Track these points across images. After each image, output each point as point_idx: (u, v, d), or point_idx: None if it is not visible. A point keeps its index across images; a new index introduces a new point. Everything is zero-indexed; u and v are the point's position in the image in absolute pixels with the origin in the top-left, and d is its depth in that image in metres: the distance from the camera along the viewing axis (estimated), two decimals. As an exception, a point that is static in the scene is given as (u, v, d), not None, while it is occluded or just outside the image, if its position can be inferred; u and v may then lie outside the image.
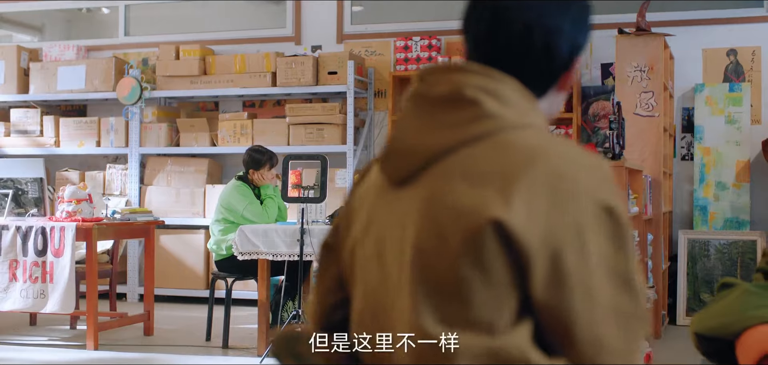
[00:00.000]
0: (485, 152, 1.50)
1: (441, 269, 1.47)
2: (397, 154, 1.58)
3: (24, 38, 10.13)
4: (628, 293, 1.49)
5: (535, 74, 1.61)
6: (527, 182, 1.46)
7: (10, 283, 6.11)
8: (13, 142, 8.77)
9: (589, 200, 1.47)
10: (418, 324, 1.48)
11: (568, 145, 1.54)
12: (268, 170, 6.47)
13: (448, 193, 1.49)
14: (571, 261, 1.44)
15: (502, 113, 1.53)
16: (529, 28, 1.58)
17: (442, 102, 1.56)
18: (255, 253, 5.79)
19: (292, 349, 1.59)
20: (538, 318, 1.47)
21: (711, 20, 7.76)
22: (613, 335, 1.48)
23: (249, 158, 6.48)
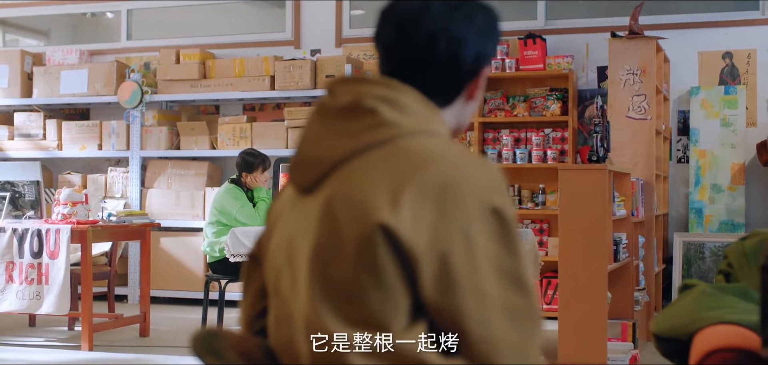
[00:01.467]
0: (380, 159, 1.56)
1: (337, 271, 1.53)
2: (302, 163, 1.64)
3: (31, 42, 10.25)
4: (519, 291, 1.54)
5: (441, 83, 1.67)
6: (416, 188, 1.51)
7: (6, 285, 6.19)
8: (17, 145, 8.88)
9: (476, 202, 1.52)
10: (317, 324, 1.54)
11: (460, 151, 1.59)
12: (261, 173, 6.54)
13: (343, 199, 1.55)
14: (460, 263, 1.49)
15: (400, 121, 1.59)
16: (433, 36, 1.64)
17: (344, 112, 1.62)
18: (246, 255, 5.84)
19: (209, 346, 1.65)
20: (432, 319, 1.52)
21: (706, 23, 7.77)
22: (505, 332, 1.53)
23: (242, 161, 6.55)
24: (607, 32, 7.23)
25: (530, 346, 1.57)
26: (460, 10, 1.67)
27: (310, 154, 1.64)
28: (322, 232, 1.56)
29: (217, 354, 1.65)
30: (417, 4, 1.67)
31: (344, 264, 1.52)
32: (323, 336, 1.53)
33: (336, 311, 1.53)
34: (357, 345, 1.51)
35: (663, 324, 3.00)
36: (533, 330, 1.57)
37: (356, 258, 1.51)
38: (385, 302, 1.51)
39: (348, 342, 1.51)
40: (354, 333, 1.51)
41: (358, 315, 1.52)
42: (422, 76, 1.66)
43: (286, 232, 1.67)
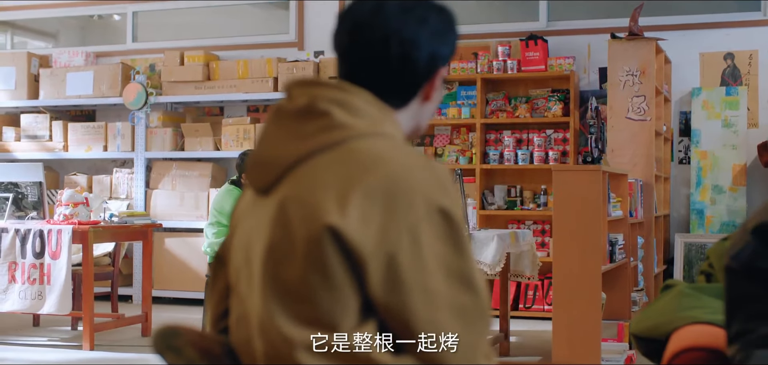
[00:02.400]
0: (331, 161, 1.59)
1: (288, 272, 1.56)
2: (259, 165, 1.68)
3: (39, 45, 10.34)
4: (467, 290, 1.57)
5: (395, 84, 1.70)
6: (364, 189, 1.54)
7: (9, 285, 6.26)
8: (23, 146, 8.96)
9: (422, 203, 1.55)
10: (269, 323, 1.57)
11: (409, 152, 1.62)
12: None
13: (295, 200, 1.58)
14: (407, 263, 1.52)
15: (352, 123, 1.62)
16: (386, 39, 1.67)
17: (299, 114, 1.65)
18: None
19: (169, 344, 1.69)
20: (382, 318, 1.56)
21: (708, 24, 7.77)
22: (454, 331, 1.56)
23: (241, 162, 6.59)
24: (609, 33, 7.24)
25: (479, 344, 1.60)
26: (413, 13, 1.70)
27: (266, 156, 1.67)
28: (274, 233, 1.60)
29: (177, 351, 1.68)
30: (371, 7, 1.70)
31: (295, 265, 1.56)
32: (276, 333, 1.56)
33: (287, 310, 1.56)
34: (308, 344, 1.54)
35: (641, 324, 3.03)
36: (481, 328, 1.60)
37: (306, 259, 1.54)
38: (334, 301, 1.54)
39: (298, 341, 1.54)
40: (305, 332, 1.54)
41: (308, 314, 1.55)
42: (376, 79, 1.69)
43: (245, 233, 1.70)
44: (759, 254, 2.11)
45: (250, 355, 1.63)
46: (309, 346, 1.54)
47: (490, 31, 8.33)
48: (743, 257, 2.13)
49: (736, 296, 2.15)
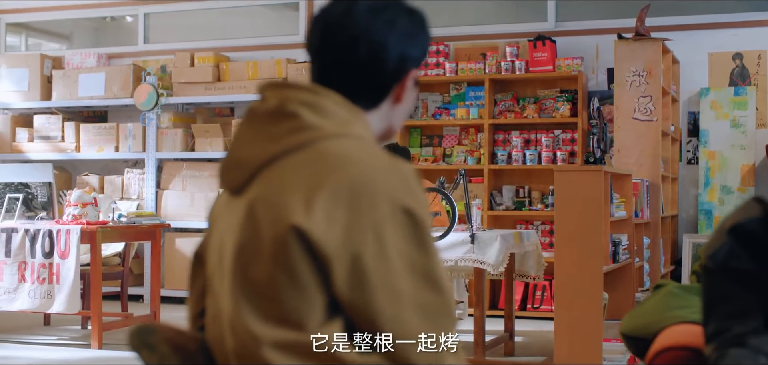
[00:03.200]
0: (299, 162, 1.62)
1: (256, 271, 1.60)
2: (231, 165, 1.71)
3: (54, 46, 10.43)
4: (432, 288, 1.60)
5: (364, 86, 1.73)
6: (329, 190, 1.57)
7: (19, 284, 6.33)
8: (36, 147, 9.04)
9: (387, 203, 1.57)
10: (238, 321, 1.61)
11: (375, 153, 1.64)
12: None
13: (263, 201, 1.62)
14: (371, 262, 1.55)
15: (321, 125, 1.65)
16: (354, 40, 1.70)
17: (269, 116, 1.69)
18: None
19: (144, 341, 1.73)
20: (348, 316, 1.59)
21: (716, 24, 7.76)
22: (418, 328, 1.58)
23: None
24: (613, 34, 7.24)
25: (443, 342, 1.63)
26: (382, 15, 1.72)
27: (238, 157, 1.71)
28: (243, 233, 1.63)
29: (151, 347, 1.72)
30: (341, 10, 1.73)
31: (262, 264, 1.59)
32: (245, 330, 1.60)
33: (255, 309, 1.60)
34: (275, 341, 1.57)
35: (630, 324, 3.05)
36: (446, 325, 1.63)
37: (273, 259, 1.58)
38: (300, 300, 1.57)
39: (265, 339, 1.58)
40: (272, 329, 1.58)
41: (275, 312, 1.58)
42: (346, 80, 1.72)
43: (220, 233, 1.74)
44: (734, 254, 2.14)
45: (223, 353, 1.67)
46: (275, 343, 1.57)
47: (498, 32, 8.34)
48: (719, 257, 2.15)
49: (712, 295, 2.18)
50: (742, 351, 2.08)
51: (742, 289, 2.13)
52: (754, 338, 2.09)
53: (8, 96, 9.23)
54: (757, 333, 2.10)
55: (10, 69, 9.24)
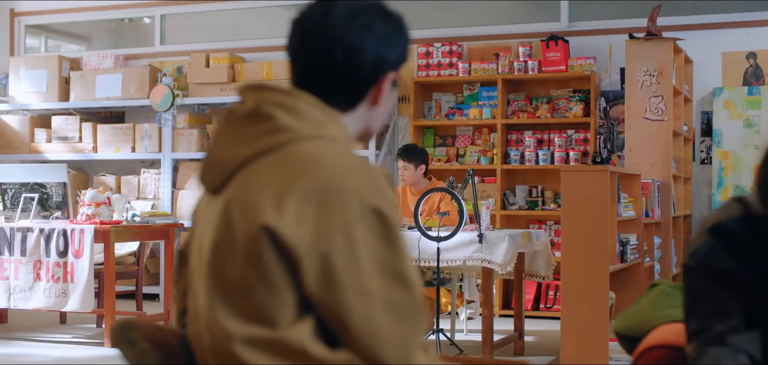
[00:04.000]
0: (273, 163, 1.66)
1: (230, 269, 1.64)
2: (210, 165, 1.75)
3: (73, 48, 10.54)
4: (401, 286, 1.63)
5: (341, 88, 1.76)
6: (300, 190, 1.61)
7: (34, 283, 6.41)
8: (54, 147, 9.15)
9: (356, 203, 1.61)
10: (212, 318, 1.65)
11: (345, 154, 1.68)
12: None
13: (238, 201, 1.66)
14: (340, 261, 1.59)
15: (295, 126, 1.68)
16: (330, 44, 1.73)
17: (246, 117, 1.72)
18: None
19: (125, 336, 1.77)
20: (319, 314, 1.62)
21: (730, 23, 7.73)
22: (388, 326, 1.61)
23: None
24: (625, 34, 7.22)
25: (413, 339, 1.66)
26: (359, 19, 1.75)
27: (216, 157, 1.74)
28: (219, 232, 1.67)
29: (131, 343, 1.76)
30: (318, 14, 1.77)
31: (235, 263, 1.63)
32: (218, 327, 1.64)
33: (228, 306, 1.63)
34: (247, 338, 1.61)
35: (623, 323, 3.07)
36: (416, 324, 1.66)
37: (245, 257, 1.62)
38: (272, 298, 1.61)
39: (237, 335, 1.61)
40: (245, 326, 1.61)
41: (247, 309, 1.62)
42: (322, 82, 1.75)
43: (200, 231, 1.78)
44: (714, 254, 2.16)
45: (201, 350, 1.71)
46: (246, 340, 1.61)
47: (511, 32, 8.36)
48: (699, 256, 2.17)
49: (693, 294, 2.20)
50: (722, 350, 2.10)
51: (721, 288, 2.14)
52: (734, 336, 2.11)
53: (27, 97, 9.35)
54: (737, 331, 2.12)
55: (29, 70, 9.35)
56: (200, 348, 1.71)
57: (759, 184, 2.03)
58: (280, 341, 1.60)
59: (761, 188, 2.02)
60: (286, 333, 1.60)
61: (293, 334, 1.60)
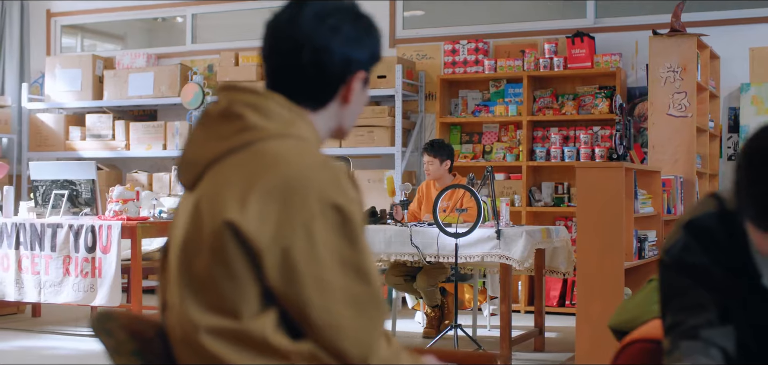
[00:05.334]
0: (241, 161, 1.72)
1: (197, 263, 1.71)
2: (184, 163, 1.83)
3: (108, 47, 10.73)
4: (361, 280, 1.69)
5: (310, 88, 1.82)
6: (263, 187, 1.67)
7: (64, 277, 6.56)
8: (88, 145, 9.32)
9: (317, 199, 1.67)
10: (182, 310, 1.72)
11: (309, 153, 1.73)
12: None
13: (206, 197, 1.73)
14: (301, 256, 1.65)
15: (264, 125, 1.75)
16: (298, 45, 1.79)
17: (218, 117, 1.79)
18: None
19: (102, 325, 1.85)
20: (282, 306, 1.68)
21: (757, 18, 7.67)
22: (348, 319, 1.68)
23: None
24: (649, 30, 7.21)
25: (372, 331, 1.72)
26: (327, 21, 1.81)
27: (190, 155, 1.82)
28: (189, 227, 1.75)
29: (109, 333, 1.84)
30: (287, 16, 1.83)
31: (202, 257, 1.70)
32: (187, 319, 1.71)
33: (195, 298, 1.71)
34: (213, 329, 1.68)
35: (617, 318, 3.11)
36: (375, 316, 1.72)
37: (211, 252, 1.69)
38: (236, 291, 1.67)
39: (202, 325, 1.68)
40: (210, 318, 1.68)
41: (213, 301, 1.69)
42: (292, 83, 1.82)
43: (175, 226, 1.85)
44: (688, 249, 2.19)
45: (175, 340, 1.78)
46: (211, 330, 1.68)
47: (537, 29, 8.36)
48: (674, 251, 2.21)
49: (668, 289, 2.23)
50: (695, 344, 2.13)
51: (696, 283, 2.17)
52: (707, 331, 2.14)
53: (62, 96, 9.53)
54: (711, 326, 2.15)
55: (64, 70, 9.54)
56: (174, 339, 1.79)
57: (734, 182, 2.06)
58: (244, 332, 1.66)
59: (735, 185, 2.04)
60: (249, 324, 1.67)
61: (256, 325, 1.67)
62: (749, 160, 2.00)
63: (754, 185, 1.97)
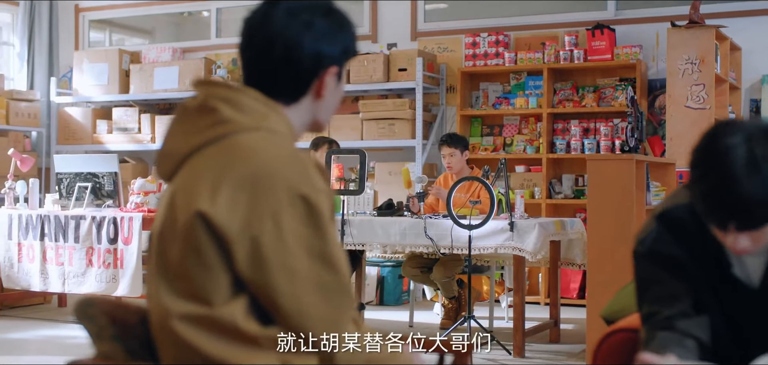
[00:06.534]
0: (214, 153, 1.79)
1: (171, 251, 1.78)
2: (163, 155, 1.89)
3: (137, 42, 10.87)
4: (328, 268, 1.75)
5: (282, 83, 1.88)
6: (233, 178, 1.73)
7: (87, 268, 6.69)
8: (115, 138, 9.47)
9: (285, 190, 1.72)
10: (157, 298, 1.79)
11: (279, 145, 1.79)
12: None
13: (181, 188, 1.80)
14: (269, 245, 1.71)
15: (237, 119, 1.81)
16: (270, 41, 1.85)
17: (195, 111, 1.86)
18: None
19: (85, 311, 1.92)
20: (252, 293, 1.75)
21: (780, 10, 7.62)
22: (316, 305, 1.74)
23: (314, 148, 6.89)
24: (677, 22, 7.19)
25: (340, 317, 1.78)
26: (299, 17, 1.86)
27: (168, 148, 1.88)
28: (165, 218, 1.82)
29: (90, 318, 1.91)
30: (262, 12, 1.89)
31: (176, 246, 1.77)
32: (162, 306, 1.78)
33: (169, 286, 1.78)
34: (186, 315, 1.75)
35: (609, 308, 3.14)
36: (343, 302, 1.78)
37: (184, 241, 1.76)
38: (207, 279, 1.74)
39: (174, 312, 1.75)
40: (184, 305, 1.75)
41: (185, 289, 1.76)
42: (265, 77, 1.87)
43: (157, 217, 1.92)
44: (661, 240, 2.22)
45: (153, 326, 1.85)
46: (183, 316, 1.75)
47: (557, 22, 8.37)
48: (647, 242, 2.24)
49: (643, 279, 2.27)
50: (670, 334, 2.16)
51: (669, 274, 2.21)
52: (682, 321, 2.17)
53: (90, 90, 9.68)
54: (686, 316, 2.18)
55: (92, 64, 9.69)
56: (153, 325, 1.86)
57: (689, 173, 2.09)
58: (214, 318, 1.73)
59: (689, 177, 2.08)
60: (220, 310, 1.73)
61: (226, 312, 1.73)
62: (694, 160, 2.05)
63: (697, 184, 2.01)
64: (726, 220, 2.01)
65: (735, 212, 1.99)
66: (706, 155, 2.01)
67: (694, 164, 2.05)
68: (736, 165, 1.95)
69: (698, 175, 2.03)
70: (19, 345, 6.28)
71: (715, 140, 2.01)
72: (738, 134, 1.99)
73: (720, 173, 1.97)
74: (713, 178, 1.98)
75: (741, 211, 1.98)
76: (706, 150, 2.02)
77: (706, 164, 2.00)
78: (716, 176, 1.98)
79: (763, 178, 1.94)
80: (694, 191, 2.04)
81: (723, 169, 1.96)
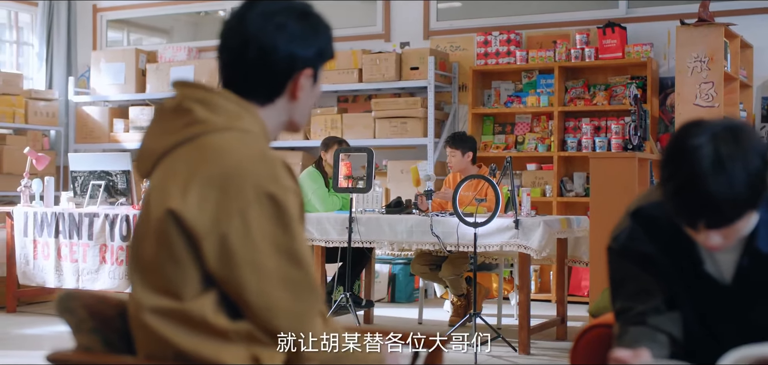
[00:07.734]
0: (186, 152, 1.85)
1: (144, 246, 1.85)
2: (141, 154, 1.96)
3: (154, 41, 10.98)
4: (295, 265, 1.80)
5: (256, 84, 1.93)
6: (203, 177, 1.80)
7: (100, 265, 6.79)
8: (131, 137, 9.57)
9: (253, 189, 1.78)
10: (133, 291, 1.85)
11: (250, 145, 1.85)
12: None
13: (155, 187, 1.87)
14: (237, 241, 1.77)
15: (210, 119, 1.87)
16: (244, 43, 1.91)
17: (170, 111, 1.92)
18: (309, 240, 6.22)
19: (65, 305, 1.99)
20: (221, 289, 1.81)
21: (791, 7, 7.60)
22: (283, 300, 1.79)
23: (324, 147, 6.97)
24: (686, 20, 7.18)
25: (306, 311, 1.83)
26: (273, 20, 1.91)
27: (146, 147, 1.95)
28: (141, 215, 1.89)
29: (71, 311, 1.98)
30: (237, 16, 1.95)
31: (149, 242, 1.84)
32: (136, 300, 1.85)
33: (142, 280, 1.85)
34: (157, 309, 1.81)
35: (596, 305, 3.18)
36: (309, 297, 1.83)
37: (156, 238, 1.82)
38: (178, 274, 1.80)
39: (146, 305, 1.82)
40: (155, 299, 1.81)
41: (157, 283, 1.83)
42: (239, 79, 1.93)
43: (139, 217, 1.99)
44: (634, 237, 2.26)
45: (129, 319, 1.92)
46: (154, 309, 1.81)
47: (569, 20, 8.38)
48: (621, 239, 2.28)
49: (616, 275, 2.31)
50: (642, 330, 2.20)
51: (642, 270, 2.25)
52: (654, 317, 2.21)
53: (107, 89, 9.80)
54: (658, 312, 2.22)
55: (109, 63, 9.80)
56: (129, 318, 1.92)
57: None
58: (184, 311, 1.79)
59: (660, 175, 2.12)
60: (190, 304, 1.79)
61: (196, 306, 1.79)
62: (663, 160, 2.09)
63: (666, 184, 2.05)
64: (695, 219, 2.05)
65: (703, 210, 2.02)
66: (673, 155, 2.05)
67: (663, 163, 2.08)
68: (702, 165, 1.99)
69: (667, 175, 2.06)
70: (34, 341, 6.38)
71: (682, 140, 2.05)
72: (704, 133, 2.02)
73: (686, 173, 2.01)
74: (680, 178, 2.02)
75: (709, 209, 2.02)
76: (674, 150, 2.05)
77: (674, 163, 2.04)
78: (683, 175, 2.01)
79: (728, 176, 1.98)
80: (664, 190, 2.08)
81: (689, 169, 2.00)
